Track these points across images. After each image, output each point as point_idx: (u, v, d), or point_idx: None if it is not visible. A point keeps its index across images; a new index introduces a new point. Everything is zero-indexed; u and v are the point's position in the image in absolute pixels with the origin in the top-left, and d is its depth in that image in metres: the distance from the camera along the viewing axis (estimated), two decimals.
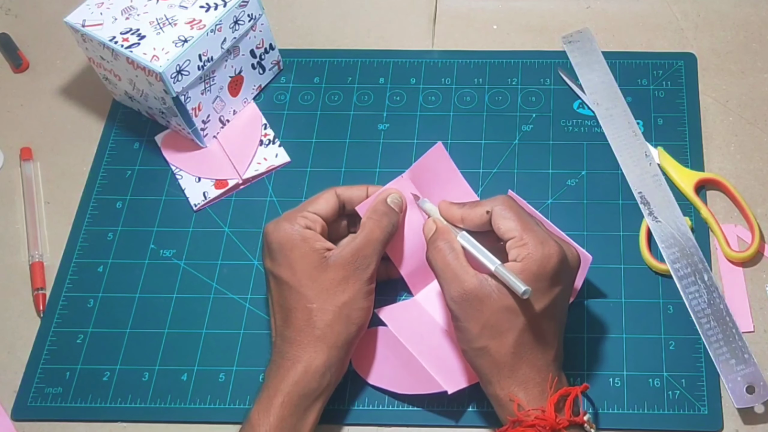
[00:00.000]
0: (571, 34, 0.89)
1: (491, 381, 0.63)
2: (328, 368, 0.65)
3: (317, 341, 0.65)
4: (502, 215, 0.64)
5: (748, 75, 0.87)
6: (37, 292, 0.76)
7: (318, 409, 0.65)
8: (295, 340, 0.65)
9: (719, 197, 0.80)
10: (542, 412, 0.61)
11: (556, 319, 0.64)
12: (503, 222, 0.64)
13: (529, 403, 0.62)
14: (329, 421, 0.69)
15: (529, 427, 0.60)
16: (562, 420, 0.61)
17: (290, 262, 0.66)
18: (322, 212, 0.69)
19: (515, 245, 0.63)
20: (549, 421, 0.60)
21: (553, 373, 0.63)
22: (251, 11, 0.80)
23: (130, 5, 0.78)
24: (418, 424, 0.70)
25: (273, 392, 0.63)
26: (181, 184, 0.82)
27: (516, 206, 0.65)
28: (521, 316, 0.62)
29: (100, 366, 0.73)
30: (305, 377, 0.64)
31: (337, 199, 0.70)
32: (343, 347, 0.66)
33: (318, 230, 0.68)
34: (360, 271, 0.67)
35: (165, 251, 0.78)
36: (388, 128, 0.84)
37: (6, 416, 0.71)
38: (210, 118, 0.82)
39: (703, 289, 0.73)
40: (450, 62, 0.88)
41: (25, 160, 0.84)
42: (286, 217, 0.68)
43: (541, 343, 0.63)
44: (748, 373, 0.69)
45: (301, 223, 0.67)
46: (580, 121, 0.84)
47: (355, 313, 0.67)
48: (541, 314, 0.62)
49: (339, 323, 0.66)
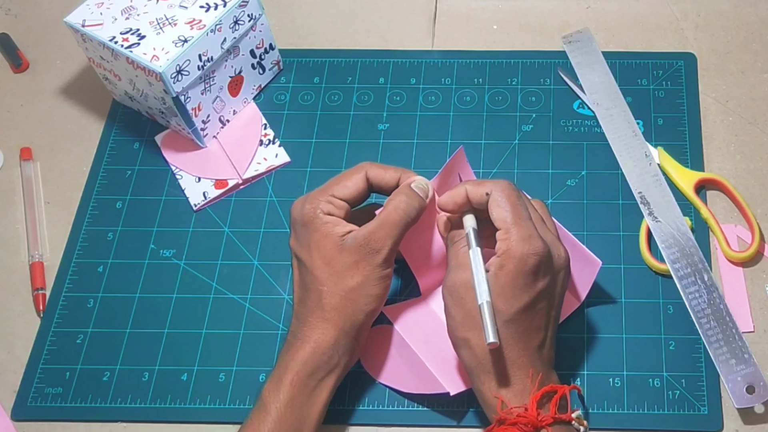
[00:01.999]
0: (571, 34, 0.89)
1: (473, 374, 0.63)
2: (336, 350, 0.65)
3: (325, 323, 0.65)
4: (497, 202, 0.64)
5: (748, 75, 0.87)
6: (37, 292, 0.76)
7: (328, 389, 0.65)
8: (307, 321, 0.66)
9: (719, 197, 0.80)
10: (525, 410, 0.60)
11: (541, 316, 0.63)
12: (496, 210, 0.64)
13: (512, 401, 0.61)
14: (330, 421, 0.69)
15: (512, 425, 0.60)
16: (546, 417, 0.60)
17: (309, 244, 0.66)
18: (348, 197, 0.68)
19: (500, 237, 0.63)
20: (530, 418, 0.60)
21: (536, 370, 0.62)
22: (251, 11, 0.80)
23: (130, 5, 0.78)
24: (418, 424, 0.70)
25: (283, 371, 0.64)
26: (181, 184, 0.82)
27: (515, 195, 0.64)
28: (499, 313, 0.61)
29: (100, 366, 0.73)
30: (314, 356, 0.64)
31: (366, 183, 0.69)
32: (351, 332, 0.66)
33: (342, 216, 0.67)
34: (371, 255, 0.65)
35: (165, 251, 0.78)
36: (388, 128, 0.84)
37: (6, 416, 0.71)
38: (210, 118, 0.82)
39: (703, 289, 0.73)
40: (450, 62, 0.88)
41: (25, 160, 0.84)
42: (312, 197, 0.67)
43: (521, 340, 0.62)
44: (748, 373, 0.69)
45: (324, 208, 0.66)
46: (580, 121, 0.84)
47: (363, 300, 0.66)
48: (520, 312, 0.62)
49: (346, 308, 0.65)
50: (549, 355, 0.65)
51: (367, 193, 0.69)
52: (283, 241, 0.78)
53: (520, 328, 0.62)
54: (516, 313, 0.62)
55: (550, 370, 0.65)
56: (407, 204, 0.66)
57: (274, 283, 0.76)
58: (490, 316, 0.60)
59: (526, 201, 0.65)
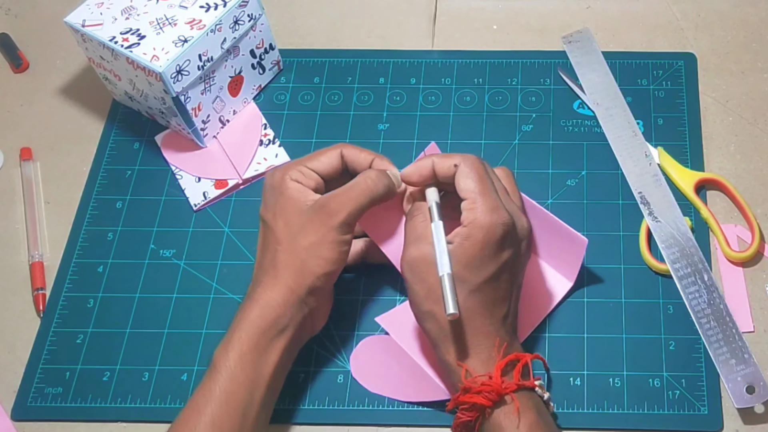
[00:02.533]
0: (571, 34, 0.89)
1: (438, 345, 0.63)
2: (285, 309, 0.65)
3: (275, 281, 0.66)
4: (465, 173, 0.64)
5: (748, 75, 0.87)
6: (37, 292, 0.76)
7: (279, 350, 0.65)
8: (260, 281, 0.66)
9: (719, 197, 0.80)
10: (489, 378, 0.61)
11: (505, 286, 0.64)
12: (464, 181, 0.64)
13: (477, 370, 0.62)
14: (330, 421, 0.69)
15: (476, 393, 0.61)
16: (510, 384, 0.61)
17: (274, 208, 0.67)
18: (321, 170, 0.69)
19: (467, 207, 0.63)
20: (495, 386, 0.60)
21: (501, 338, 0.63)
22: (251, 11, 0.80)
23: (130, 5, 0.78)
24: (418, 424, 0.70)
25: (233, 330, 0.65)
26: (181, 184, 0.82)
27: (483, 169, 0.65)
28: (465, 282, 0.62)
29: (100, 366, 0.73)
30: (262, 315, 0.64)
31: (341, 160, 0.69)
32: (299, 292, 0.66)
33: (312, 186, 0.68)
34: (329, 216, 0.66)
35: (165, 251, 0.78)
36: (388, 128, 0.84)
37: (6, 416, 0.71)
38: (210, 118, 0.82)
39: (703, 289, 0.73)
40: (450, 62, 0.88)
41: (25, 160, 0.84)
42: (285, 166, 0.69)
43: (488, 310, 0.63)
44: (748, 373, 0.69)
45: (294, 176, 0.67)
46: (580, 121, 0.84)
47: (314, 260, 0.66)
48: (486, 282, 0.63)
49: (296, 266, 0.66)
50: (513, 324, 0.66)
51: (341, 171, 0.70)
52: None
53: (487, 297, 0.63)
54: (483, 282, 0.62)
55: (514, 338, 0.66)
56: (376, 177, 0.67)
57: None
58: (451, 288, 0.61)
59: (492, 173, 0.66)
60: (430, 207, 0.66)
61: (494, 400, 0.61)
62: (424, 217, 0.65)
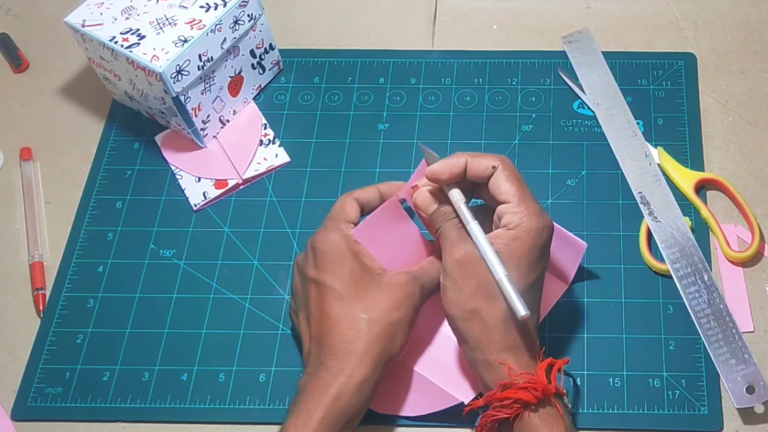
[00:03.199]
0: (571, 34, 0.89)
1: (480, 346, 0.63)
2: (369, 384, 0.63)
3: (363, 353, 0.63)
4: (505, 176, 0.64)
5: (748, 75, 0.87)
6: (37, 292, 0.76)
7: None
8: (341, 351, 0.63)
9: (719, 197, 0.80)
10: (533, 376, 0.61)
11: (540, 288, 0.65)
12: (504, 184, 0.64)
13: (519, 368, 0.62)
14: None
15: (522, 389, 0.61)
16: (551, 387, 0.62)
17: (341, 272, 0.65)
18: (353, 220, 0.68)
19: (510, 210, 0.63)
20: (541, 384, 0.61)
21: (535, 339, 0.64)
22: (251, 11, 0.80)
23: (130, 5, 0.78)
24: (418, 424, 0.70)
25: (313, 406, 0.61)
26: (181, 184, 0.82)
27: (517, 170, 0.65)
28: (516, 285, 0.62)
29: (100, 366, 0.73)
30: (346, 392, 0.62)
31: (358, 204, 0.69)
32: (382, 365, 0.64)
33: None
34: (412, 299, 0.66)
35: (165, 251, 0.78)
36: (388, 128, 0.84)
37: (6, 416, 0.71)
38: (210, 118, 0.82)
39: (703, 289, 0.73)
40: (450, 62, 0.88)
41: (25, 160, 0.84)
42: (331, 227, 0.67)
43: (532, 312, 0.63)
44: (748, 373, 0.69)
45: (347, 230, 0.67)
46: (580, 121, 0.84)
47: (400, 336, 0.65)
48: (531, 284, 0.63)
49: (386, 340, 0.64)
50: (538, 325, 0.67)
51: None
52: (283, 241, 0.78)
53: (532, 298, 0.63)
54: (530, 285, 0.63)
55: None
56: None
57: (274, 283, 0.76)
58: (515, 289, 0.61)
59: None
60: (459, 208, 0.65)
61: (539, 397, 0.60)
62: (456, 218, 0.65)
